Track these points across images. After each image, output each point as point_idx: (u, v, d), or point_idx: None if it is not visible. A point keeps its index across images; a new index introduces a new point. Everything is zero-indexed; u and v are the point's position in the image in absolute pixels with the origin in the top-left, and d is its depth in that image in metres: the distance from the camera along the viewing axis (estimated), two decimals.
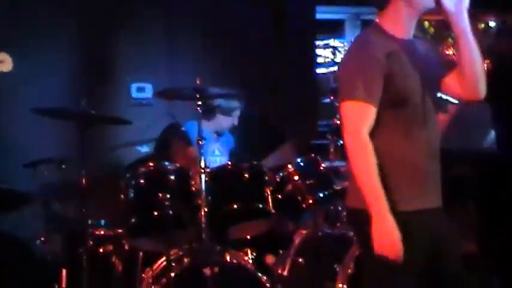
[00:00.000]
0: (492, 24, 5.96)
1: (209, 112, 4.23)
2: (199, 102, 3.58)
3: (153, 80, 4.98)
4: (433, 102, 2.50)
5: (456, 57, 2.49)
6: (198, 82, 3.56)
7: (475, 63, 2.45)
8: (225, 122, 4.55)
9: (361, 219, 2.34)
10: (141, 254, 3.76)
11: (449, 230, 2.46)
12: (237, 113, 4.57)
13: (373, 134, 2.30)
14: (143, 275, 3.61)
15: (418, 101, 2.40)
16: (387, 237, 2.26)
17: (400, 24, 2.50)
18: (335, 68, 6.21)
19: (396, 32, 2.44)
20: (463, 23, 2.39)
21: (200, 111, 3.63)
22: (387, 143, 2.35)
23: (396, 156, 2.35)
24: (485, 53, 5.65)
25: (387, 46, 2.38)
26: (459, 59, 2.45)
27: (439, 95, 2.76)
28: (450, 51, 5.85)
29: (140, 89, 5.01)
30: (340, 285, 3.49)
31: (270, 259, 4.00)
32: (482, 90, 2.53)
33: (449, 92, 2.59)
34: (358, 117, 2.34)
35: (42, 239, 3.88)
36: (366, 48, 2.44)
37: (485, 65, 5.75)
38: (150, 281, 3.49)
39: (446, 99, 3.06)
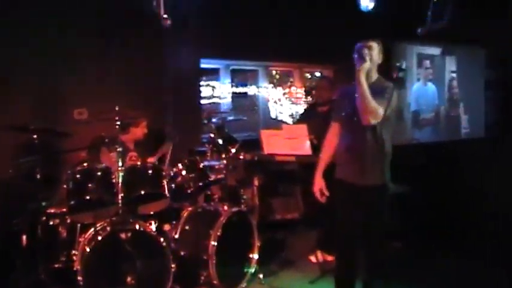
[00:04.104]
0: (317, 73, 6.79)
1: (124, 127, 4.25)
2: (118, 122, 3.88)
3: (89, 106, 5.00)
4: None
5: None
6: (116, 108, 3.86)
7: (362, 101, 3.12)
8: (136, 132, 4.64)
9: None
10: (78, 225, 3.94)
11: None
12: (142, 124, 4.66)
13: None
14: (80, 239, 3.78)
15: None
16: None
17: None
18: (213, 100, 6.47)
19: None
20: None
21: (119, 127, 3.88)
22: None
23: None
24: (310, 90, 6.64)
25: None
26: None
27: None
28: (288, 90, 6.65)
29: (80, 113, 5.01)
30: (212, 242, 3.88)
31: (166, 227, 4.28)
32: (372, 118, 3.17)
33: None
34: None
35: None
36: None
37: (310, 97, 6.59)
38: (85, 243, 3.64)
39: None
